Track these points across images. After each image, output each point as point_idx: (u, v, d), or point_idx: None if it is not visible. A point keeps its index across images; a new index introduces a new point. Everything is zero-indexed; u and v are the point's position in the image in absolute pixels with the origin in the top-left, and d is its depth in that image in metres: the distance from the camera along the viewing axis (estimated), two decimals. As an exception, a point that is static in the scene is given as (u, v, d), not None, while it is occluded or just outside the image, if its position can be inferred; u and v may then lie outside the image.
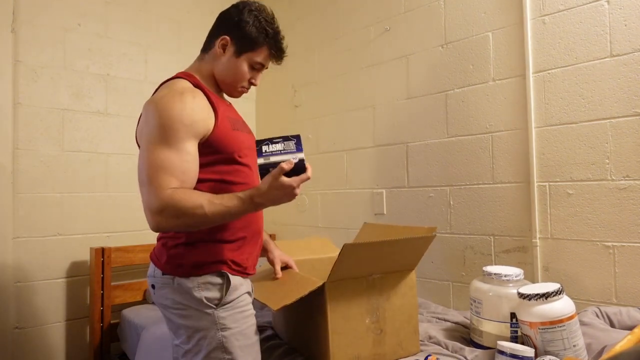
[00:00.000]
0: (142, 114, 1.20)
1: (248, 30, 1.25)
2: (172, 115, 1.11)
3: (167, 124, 1.11)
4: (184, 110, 1.12)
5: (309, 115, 2.83)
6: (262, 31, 1.26)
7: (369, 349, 1.36)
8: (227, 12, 1.30)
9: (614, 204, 1.62)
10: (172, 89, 1.18)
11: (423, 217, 2.19)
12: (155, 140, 1.11)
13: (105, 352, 2.31)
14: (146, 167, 1.11)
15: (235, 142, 1.24)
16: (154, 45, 2.69)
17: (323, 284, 1.28)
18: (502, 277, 1.41)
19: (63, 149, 2.34)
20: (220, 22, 1.31)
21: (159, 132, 1.11)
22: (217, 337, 1.17)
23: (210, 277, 1.18)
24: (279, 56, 1.33)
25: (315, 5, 2.79)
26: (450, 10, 2.10)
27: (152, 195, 1.07)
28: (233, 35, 1.26)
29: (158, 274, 1.21)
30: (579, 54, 1.71)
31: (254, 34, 1.25)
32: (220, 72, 1.29)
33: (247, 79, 1.30)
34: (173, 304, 1.19)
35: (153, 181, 1.08)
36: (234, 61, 1.27)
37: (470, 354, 1.37)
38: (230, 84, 1.31)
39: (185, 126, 1.12)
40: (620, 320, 1.47)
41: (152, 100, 1.17)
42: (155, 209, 1.07)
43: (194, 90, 1.19)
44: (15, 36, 2.21)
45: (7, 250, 2.16)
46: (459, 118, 2.06)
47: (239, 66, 1.27)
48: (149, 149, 1.12)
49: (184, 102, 1.13)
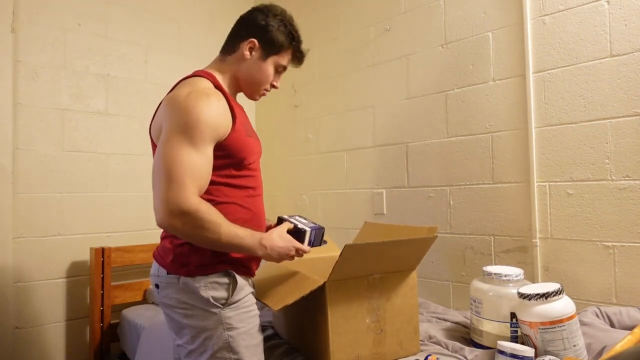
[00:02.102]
0: (163, 109, 1.18)
1: (275, 34, 1.28)
2: (200, 116, 1.11)
3: (194, 124, 1.10)
4: (211, 113, 1.13)
5: (309, 115, 2.83)
6: (288, 35, 1.30)
7: (369, 349, 1.36)
8: (252, 16, 1.31)
9: (614, 204, 1.62)
10: (198, 88, 1.17)
11: (423, 217, 2.19)
12: (180, 138, 1.10)
13: (105, 352, 2.31)
14: (169, 163, 1.09)
15: (248, 148, 1.25)
16: (154, 45, 2.68)
17: (323, 284, 1.28)
18: (502, 277, 1.42)
19: (63, 149, 2.34)
20: (245, 25, 1.31)
21: (185, 130, 1.10)
22: (223, 337, 1.16)
23: (217, 277, 1.18)
24: (301, 59, 1.37)
25: (315, 5, 2.79)
26: (450, 10, 2.10)
27: (175, 196, 1.06)
28: (260, 39, 1.28)
29: (162, 273, 1.21)
30: (579, 54, 1.71)
31: (280, 37, 1.28)
32: (246, 75, 1.30)
33: (270, 81, 1.33)
34: (178, 304, 1.18)
35: (177, 180, 1.07)
36: (261, 64, 1.29)
37: (470, 353, 1.37)
38: (255, 87, 1.32)
39: (210, 129, 1.12)
40: (620, 320, 1.47)
41: (176, 97, 1.15)
42: (177, 211, 1.06)
43: (217, 92, 1.19)
44: (15, 36, 2.21)
45: (7, 250, 2.16)
46: (459, 118, 2.06)
47: (266, 69, 1.30)
48: (174, 145, 1.10)
49: (210, 105, 1.14)
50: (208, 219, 1.08)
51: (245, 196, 1.25)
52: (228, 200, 1.21)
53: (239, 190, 1.23)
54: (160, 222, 1.09)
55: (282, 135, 3.03)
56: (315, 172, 2.77)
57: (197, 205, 1.07)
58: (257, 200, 1.30)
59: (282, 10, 1.33)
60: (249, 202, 1.26)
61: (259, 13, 1.30)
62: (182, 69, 1.39)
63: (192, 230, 1.08)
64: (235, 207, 1.22)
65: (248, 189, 1.25)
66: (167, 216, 1.07)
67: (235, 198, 1.22)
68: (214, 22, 2.96)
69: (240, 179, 1.24)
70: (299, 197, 2.88)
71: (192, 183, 1.09)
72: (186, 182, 1.07)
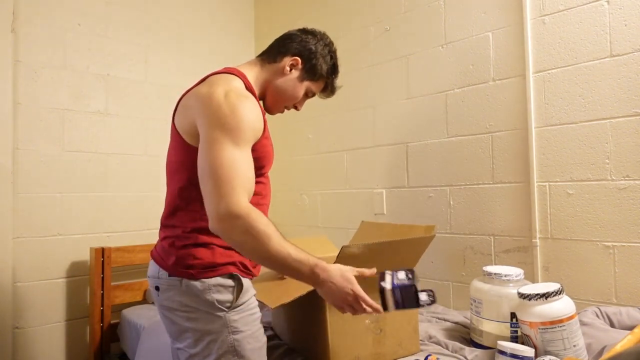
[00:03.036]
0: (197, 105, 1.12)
1: (320, 62, 1.29)
2: (243, 116, 1.08)
3: (237, 125, 1.07)
4: (251, 114, 1.11)
5: (309, 115, 2.83)
6: (331, 67, 1.32)
7: (369, 349, 1.36)
8: (303, 36, 1.31)
9: (614, 204, 1.62)
10: (233, 87, 1.14)
11: (423, 217, 2.19)
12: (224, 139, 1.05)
13: (105, 352, 2.31)
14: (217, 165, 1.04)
15: (269, 156, 1.24)
16: (154, 45, 2.68)
17: None
18: (502, 277, 1.42)
19: (63, 149, 2.34)
20: (293, 42, 1.30)
21: (229, 131, 1.06)
22: (228, 341, 1.14)
23: (222, 280, 1.15)
24: (332, 93, 1.39)
25: (315, 5, 2.79)
26: (450, 10, 2.10)
27: (225, 199, 1.01)
28: (304, 61, 1.28)
29: (163, 276, 1.18)
30: (579, 54, 1.71)
31: (323, 67, 1.30)
32: (278, 89, 1.29)
33: (295, 102, 1.34)
34: (180, 307, 1.15)
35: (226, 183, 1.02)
36: (296, 83, 1.29)
37: (470, 353, 1.37)
38: (281, 102, 1.32)
39: (251, 130, 1.10)
40: (620, 320, 1.47)
41: (214, 95, 1.10)
42: (228, 215, 1.01)
43: (250, 94, 1.17)
44: (15, 36, 2.21)
45: (7, 250, 2.16)
46: (459, 118, 2.06)
47: (299, 90, 1.30)
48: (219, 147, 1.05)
49: (250, 106, 1.12)
50: (257, 227, 1.01)
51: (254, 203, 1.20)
52: None
53: (252, 196, 1.17)
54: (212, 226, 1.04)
55: (282, 135, 3.03)
56: (315, 172, 2.77)
57: (248, 209, 1.02)
58: (264, 208, 1.28)
59: (332, 42, 1.35)
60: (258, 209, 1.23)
61: (311, 37, 1.31)
62: (182, 69, 1.40)
63: (240, 235, 1.02)
64: None
65: (258, 195, 1.22)
66: (217, 220, 1.02)
67: None
68: (214, 22, 2.96)
69: (258, 185, 1.20)
70: (299, 197, 2.88)
71: (241, 185, 1.04)
72: (235, 184, 1.03)
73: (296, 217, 2.89)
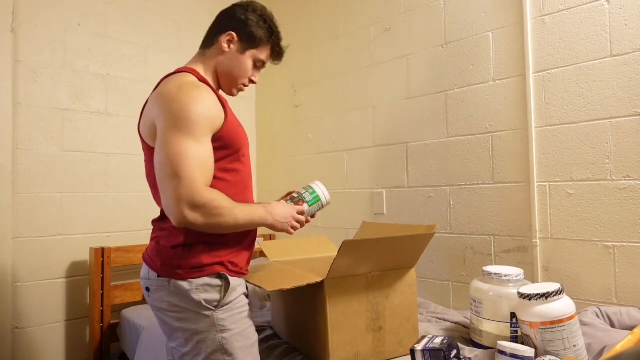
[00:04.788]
0: (153, 106, 1.16)
1: (254, 28, 1.28)
2: (194, 108, 1.10)
3: (191, 117, 1.09)
4: (205, 104, 1.13)
5: (309, 115, 2.83)
6: (268, 30, 1.30)
7: (368, 347, 1.36)
8: (232, 10, 1.32)
9: (614, 204, 1.62)
10: (185, 82, 1.16)
11: (423, 217, 2.19)
12: (180, 133, 1.09)
13: (105, 352, 2.31)
14: (174, 160, 1.07)
15: (240, 139, 1.25)
16: (154, 45, 2.69)
17: (322, 281, 1.28)
18: (502, 277, 1.41)
19: (63, 149, 2.34)
20: (224, 19, 1.32)
21: (184, 124, 1.09)
22: (216, 339, 1.16)
23: (209, 279, 1.17)
24: (280, 55, 1.37)
25: (315, 5, 2.79)
26: (450, 10, 2.10)
27: (188, 189, 1.06)
28: (239, 32, 1.28)
29: (153, 277, 1.19)
30: (579, 54, 1.71)
31: (259, 32, 1.29)
32: (224, 68, 1.30)
33: (249, 76, 1.32)
34: (169, 307, 1.17)
35: (186, 176, 1.06)
36: (239, 57, 1.29)
37: (470, 353, 1.37)
38: (233, 80, 1.31)
39: (206, 120, 1.12)
40: (621, 320, 1.47)
41: (166, 92, 1.14)
42: (194, 203, 1.06)
43: (204, 85, 1.20)
44: (15, 36, 2.21)
45: (7, 250, 2.16)
46: (459, 118, 2.06)
47: (244, 62, 1.29)
48: (175, 141, 1.08)
49: (203, 96, 1.14)
50: (222, 206, 1.10)
51: (237, 192, 1.24)
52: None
53: (231, 185, 1.22)
54: (178, 220, 1.07)
55: (282, 135, 3.03)
56: (315, 172, 2.77)
57: (209, 195, 1.09)
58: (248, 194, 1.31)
59: (263, 7, 1.33)
60: (241, 196, 1.25)
61: (238, 7, 1.31)
62: (182, 69, 1.39)
63: (210, 220, 1.09)
64: None
65: (239, 183, 1.25)
66: (183, 213, 1.06)
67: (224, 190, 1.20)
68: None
69: (235, 174, 1.24)
70: (299, 197, 2.87)
71: (201, 176, 1.09)
72: (195, 176, 1.07)
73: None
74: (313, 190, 1.40)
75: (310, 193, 1.39)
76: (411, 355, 1.22)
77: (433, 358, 1.20)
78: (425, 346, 1.21)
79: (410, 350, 1.23)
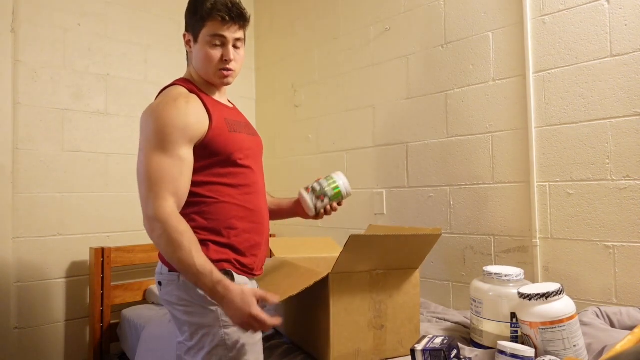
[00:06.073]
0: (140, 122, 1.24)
1: (191, 14, 1.28)
2: (166, 120, 1.16)
3: (161, 129, 1.15)
4: (178, 115, 1.17)
5: (309, 115, 2.83)
6: (200, 6, 1.24)
7: (369, 344, 1.36)
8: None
9: (614, 204, 1.62)
10: (167, 96, 1.22)
11: (423, 217, 2.19)
12: (151, 146, 1.16)
13: (105, 352, 2.31)
14: (143, 172, 1.16)
15: (233, 143, 1.25)
16: (154, 45, 2.68)
17: (327, 276, 1.30)
18: (503, 277, 1.42)
19: (63, 149, 2.34)
20: None
21: (155, 137, 1.16)
22: (220, 334, 1.17)
23: None
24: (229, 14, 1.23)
25: (315, 5, 2.79)
26: (450, 10, 2.10)
27: (150, 204, 1.12)
28: (187, 28, 1.32)
29: (165, 271, 1.23)
30: (579, 53, 1.71)
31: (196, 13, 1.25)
32: (196, 65, 1.31)
33: (217, 58, 1.26)
34: (178, 301, 1.20)
35: (151, 189, 1.14)
36: (197, 48, 1.28)
37: (470, 353, 1.37)
38: (207, 72, 1.29)
39: (178, 130, 1.16)
40: (621, 320, 1.47)
41: (148, 109, 1.22)
42: (150, 217, 1.12)
43: (188, 95, 1.23)
44: (15, 36, 2.21)
45: (7, 250, 2.16)
46: (459, 118, 2.06)
47: (202, 49, 1.27)
48: (146, 155, 1.16)
49: (177, 107, 1.18)
50: (171, 234, 1.09)
51: (240, 194, 1.25)
52: (221, 199, 1.22)
53: (232, 188, 1.24)
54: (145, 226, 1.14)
55: (282, 135, 3.03)
56: (315, 172, 2.77)
57: (168, 215, 1.10)
58: (254, 198, 1.30)
59: None
60: (245, 199, 1.26)
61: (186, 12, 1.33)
62: (182, 69, 1.39)
63: (156, 238, 1.12)
64: (229, 206, 1.23)
65: (242, 186, 1.26)
66: (145, 221, 1.13)
67: (229, 197, 1.23)
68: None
69: (231, 177, 1.24)
70: (299, 197, 2.87)
71: (165, 189, 1.13)
72: (158, 189, 1.13)
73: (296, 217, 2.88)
74: (334, 180, 1.43)
75: (330, 183, 1.42)
76: (411, 355, 1.23)
77: (433, 358, 1.21)
78: (425, 346, 1.22)
79: (411, 350, 1.23)
